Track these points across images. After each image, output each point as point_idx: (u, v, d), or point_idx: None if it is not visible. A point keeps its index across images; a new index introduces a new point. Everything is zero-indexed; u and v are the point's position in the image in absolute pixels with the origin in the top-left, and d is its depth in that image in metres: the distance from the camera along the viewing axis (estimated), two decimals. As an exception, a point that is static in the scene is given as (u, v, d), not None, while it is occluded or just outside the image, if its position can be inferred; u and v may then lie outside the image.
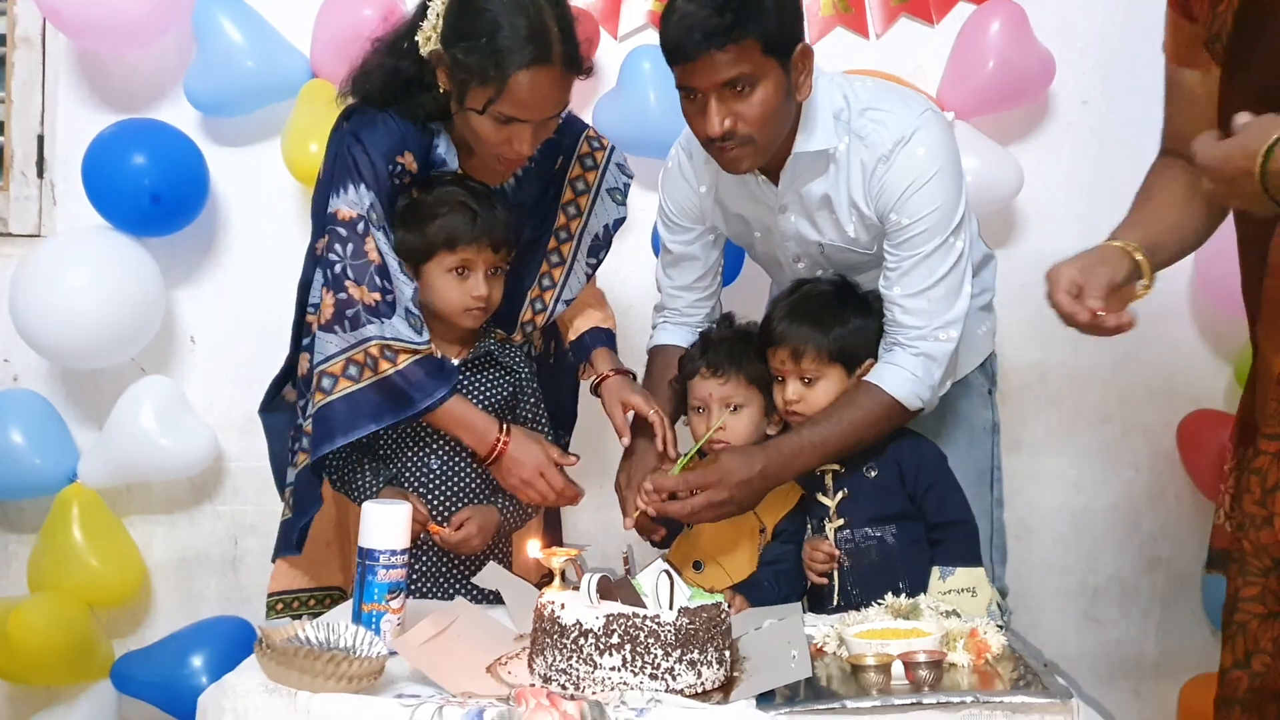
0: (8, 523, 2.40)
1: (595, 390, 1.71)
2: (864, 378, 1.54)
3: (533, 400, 1.67)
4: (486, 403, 1.61)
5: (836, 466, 1.56)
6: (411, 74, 1.57)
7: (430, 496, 1.59)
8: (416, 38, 1.54)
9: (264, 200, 2.36)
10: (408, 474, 1.61)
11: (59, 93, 2.40)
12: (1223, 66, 1.23)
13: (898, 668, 1.08)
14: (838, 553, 1.50)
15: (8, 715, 2.34)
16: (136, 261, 2.24)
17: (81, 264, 2.18)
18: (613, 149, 1.77)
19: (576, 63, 1.53)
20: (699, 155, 1.66)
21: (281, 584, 1.69)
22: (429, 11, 1.53)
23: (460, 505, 1.59)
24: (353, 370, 1.51)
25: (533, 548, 1.25)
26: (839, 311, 1.56)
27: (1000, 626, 1.18)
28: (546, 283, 1.72)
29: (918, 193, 1.50)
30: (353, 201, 1.54)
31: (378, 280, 1.52)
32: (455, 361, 1.62)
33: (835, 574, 1.50)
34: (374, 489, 1.58)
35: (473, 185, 1.61)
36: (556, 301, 1.72)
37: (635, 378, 1.72)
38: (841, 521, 1.52)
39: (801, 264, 1.67)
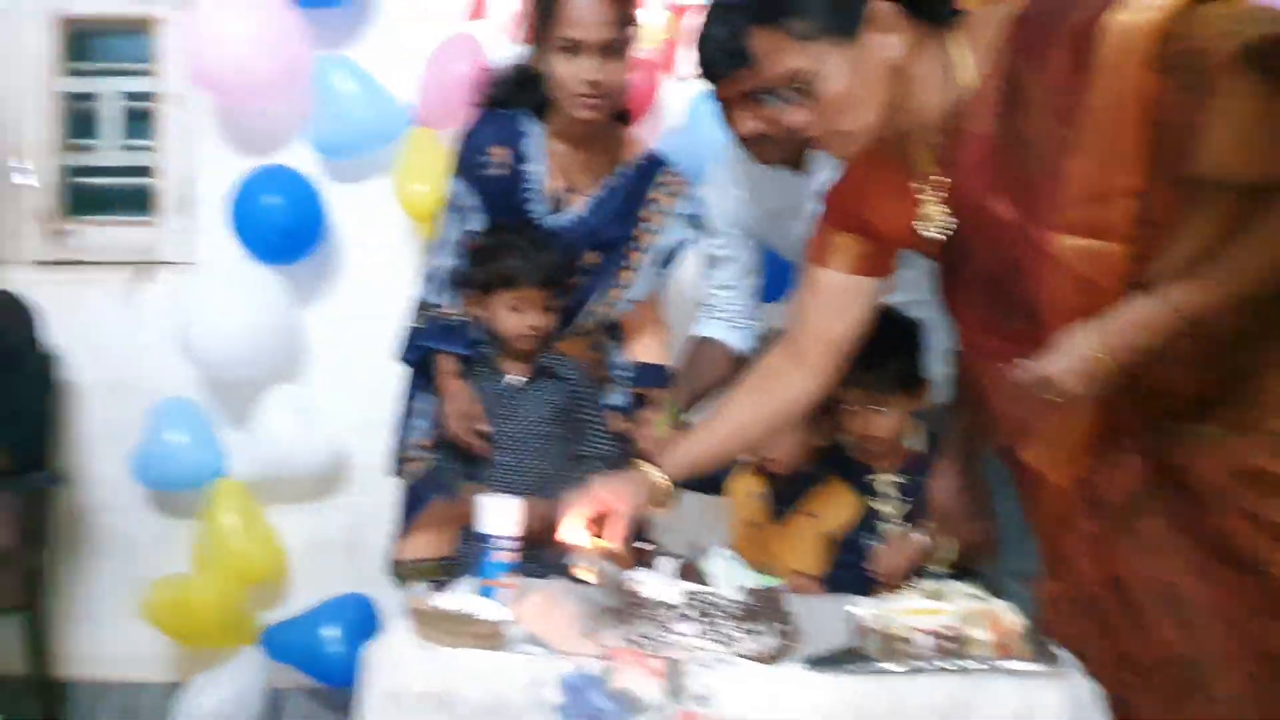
0: (171, 510, 2.64)
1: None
2: None
3: (588, 404, 1.87)
4: (548, 409, 1.85)
5: (901, 479, 1.71)
6: (517, 75, 1.92)
7: (501, 490, 1.71)
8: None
9: (376, 231, 2.57)
10: (483, 469, 1.84)
11: (202, 140, 2.64)
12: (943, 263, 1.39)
13: (925, 639, 1.19)
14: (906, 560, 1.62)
15: (178, 671, 2.61)
16: (270, 286, 2.49)
17: (226, 288, 2.45)
18: (691, 184, 1.99)
19: None
20: (735, 164, 1.88)
21: (408, 554, 1.95)
22: None
23: (525, 496, 1.76)
24: (414, 314, 1.95)
25: (576, 534, 1.38)
26: (895, 346, 1.67)
27: (1016, 608, 1.28)
28: (617, 283, 1.95)
29: None
30: (450, 188, 1.92)
31: (433, 253, 1.94)
32: (519, 378, 1.86)
33: None
34: (455, 484, 1.85)
35: (532, 233, 1.86)
36: (623, 301, 1.96)
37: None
38: (903, 527, 1.67)
39: None
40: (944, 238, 1.35)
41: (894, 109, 1.28)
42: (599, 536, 1.36)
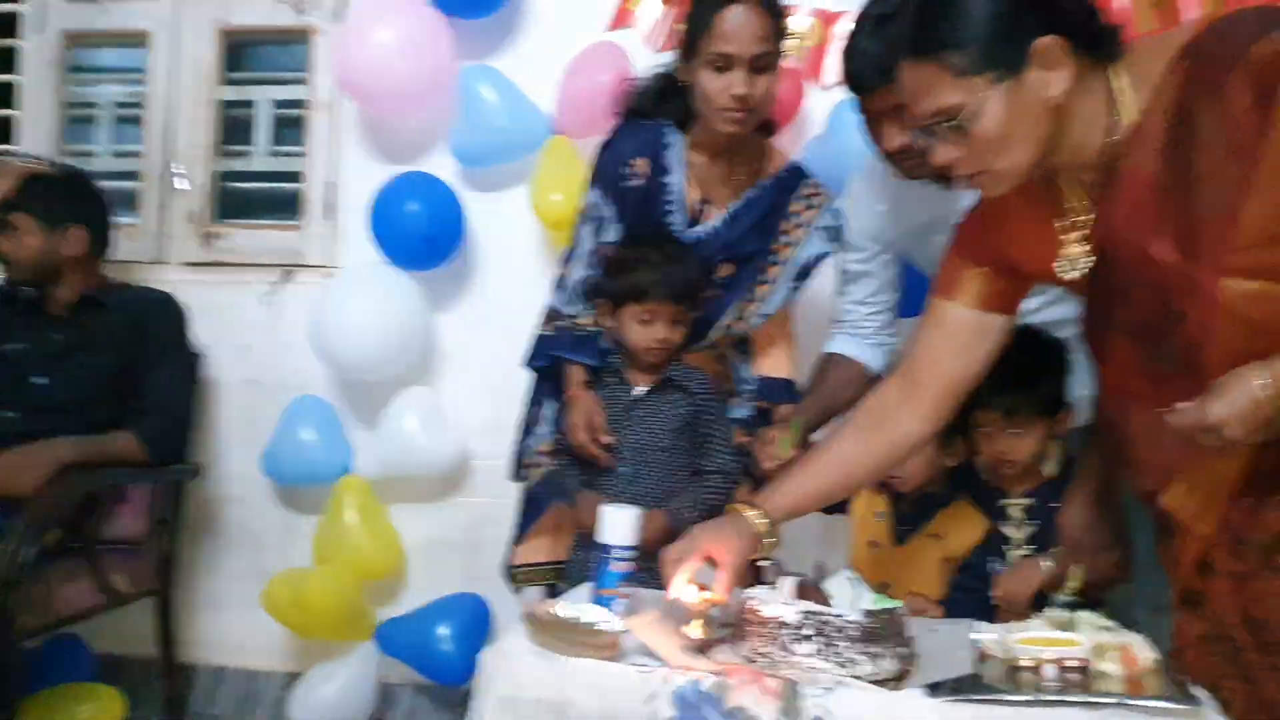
0: (296, 505, 2.73)
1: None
2: None
3: (712, 416, 1.86)
4: (672, 421, 1.85)
5: (1028, 501, 1.67)
6: (660, 86, 1.94)
7: (619, 499, 1.76)
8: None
9: (512, 239, 2.61)
10: (602, 478, 1.85)
11: (348, 147, 2.73)
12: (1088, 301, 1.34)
13: (1051, 670, 1.17)
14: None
15: (296, 662, 2.69)
16: (406, 291, 2.54)
17: (364, 293, 2.51)
18: (832, 196, 1.97)
19: (769, 3, 1.79)
20: (877, 177, 1.84)
21: (524, 558, 1.97)
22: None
23: (643, 507, 1.76)
24: (544, 322, 1.97)
25: (685, 591, 1.34)
26: (1040, 368, 1.64)
27: (1150, 643, 1.24)
28: (751, 297, 1.94)
29: None
30: (587, 199, 1.93)
31: (567, 262, 1.94)
32: (644, 389, 1.86)
33: None
34: (574, 491, 1.85)
35: (667, 247, 1.86)
36: (756, 315, 1.94)
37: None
38: (1028, 551, 1.63)
39: None
40: (1087, 277, 1.31)
41: (1050, 146, 1.24)
42: (704, 589, 1.34)
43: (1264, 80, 1.09)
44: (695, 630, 1.28)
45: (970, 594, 1.63)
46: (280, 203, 2.89)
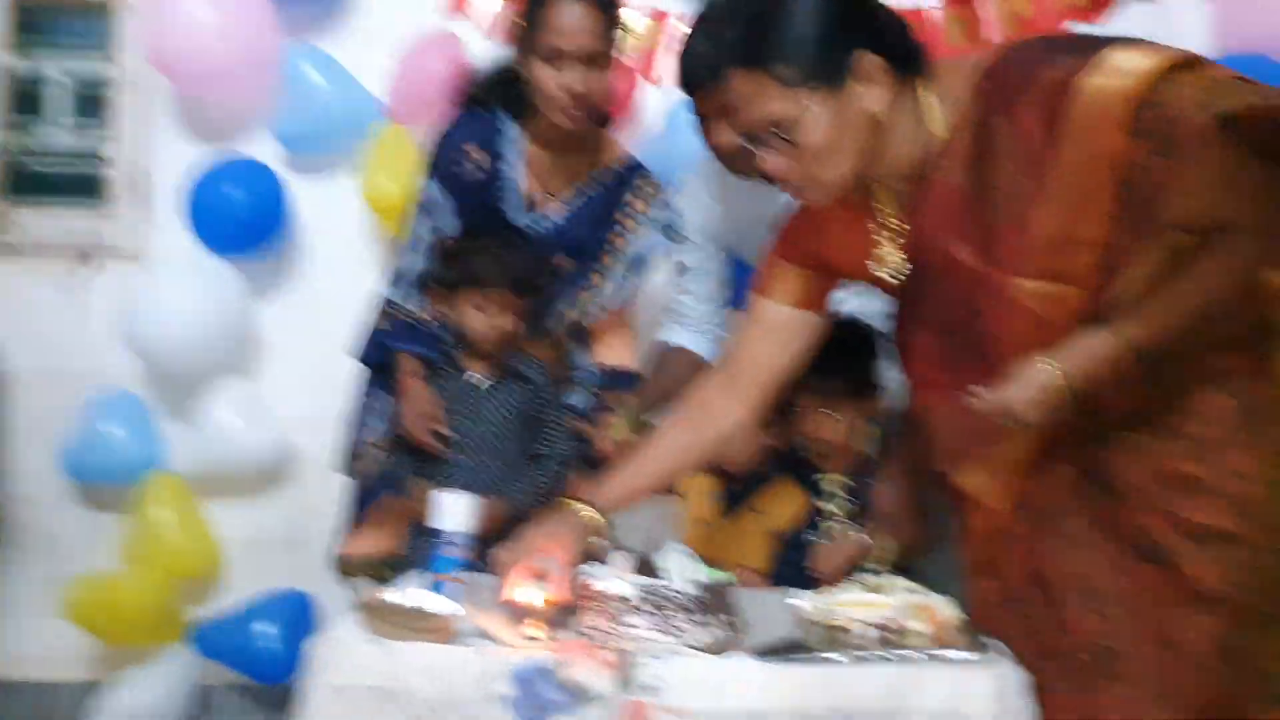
0: (104, 504, 2.58)
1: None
2: None
3: (550, 406, 1.90)
4: (511, 410, 1.87)
5: (846, 478, 1.78)
6: (499, 77, 1.92)
7: (457, 488, 1.77)
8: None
9: (338, 226, 2.56)
10: (439, 468, 1.83)
11: (158, 127, 2.60)
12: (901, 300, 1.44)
13: (865, 629, 1.25)
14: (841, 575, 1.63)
15: (97, 670, 2.54)
16: (225, 279, 2.45)
17: (178, 280, 2.41)
18: (667, 191, 2.01)
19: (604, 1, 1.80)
20: (710, 175, 1.91)
21: (353, 549, 1.93)
22: None
23: (481, 495, 1.75)
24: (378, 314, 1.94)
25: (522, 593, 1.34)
26: (850, 354, 1.73)
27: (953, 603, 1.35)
28: (587, 286, 1.96)
29: None
30: (423, 188, 1.91)
31: (402, 253, 1.93)
32: (483, 378, 1.87)
33: None
34: (406, 481, 1.83)
35: (505, 235, 1.87)
36: (593, 305, 1.97)
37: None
38: (846, 526, 1.74)
39: None
40: (896, 279, 1.41)
41: (870, 158, 1.32)
42: (542, 577, 1.34)
43: (1048, 103, 1.21)
44: (534, 631, 1.30)
45: (792, 566, 1.72)
46: (82, 185, 2.71)
